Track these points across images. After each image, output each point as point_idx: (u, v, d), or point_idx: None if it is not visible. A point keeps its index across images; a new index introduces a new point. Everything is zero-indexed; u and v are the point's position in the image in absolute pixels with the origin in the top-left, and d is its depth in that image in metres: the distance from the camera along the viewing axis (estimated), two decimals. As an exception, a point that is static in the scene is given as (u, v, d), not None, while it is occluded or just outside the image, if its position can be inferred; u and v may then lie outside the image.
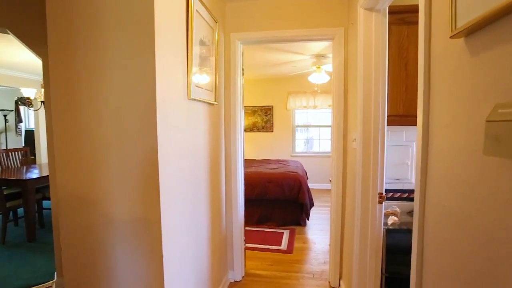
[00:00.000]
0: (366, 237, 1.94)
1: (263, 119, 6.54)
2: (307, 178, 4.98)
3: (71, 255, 1.35)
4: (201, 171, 1.92)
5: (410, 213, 2.31)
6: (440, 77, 0.90)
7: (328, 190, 6.20)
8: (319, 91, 5.38)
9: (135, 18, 1.23)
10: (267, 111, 6.52)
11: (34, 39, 2.09)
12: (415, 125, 2.25)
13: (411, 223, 2.32)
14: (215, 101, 2.15)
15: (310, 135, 6.67)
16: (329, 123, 6.53)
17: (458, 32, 0.73)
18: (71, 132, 1.29)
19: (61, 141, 1.31)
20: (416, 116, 2.21)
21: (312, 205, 4.10)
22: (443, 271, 0.86)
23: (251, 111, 6.58)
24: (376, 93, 1.82)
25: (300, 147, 6.69)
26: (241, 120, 2.61)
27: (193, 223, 1.75)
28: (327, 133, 6.53)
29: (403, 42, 2.07)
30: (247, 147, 6.63)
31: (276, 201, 4.04)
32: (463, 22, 0.71)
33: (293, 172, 4.29)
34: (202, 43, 1.84)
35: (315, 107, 6.29)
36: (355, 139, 2.03)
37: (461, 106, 0.78)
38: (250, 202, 4.05)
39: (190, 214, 1.69)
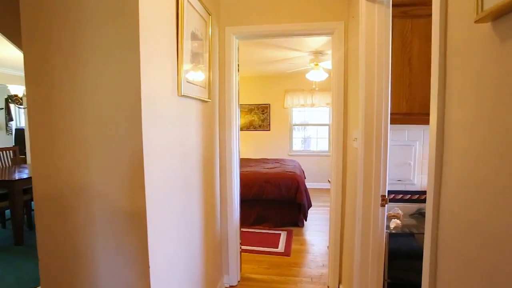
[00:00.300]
0: (367, 241, 1.84)
1: (259, 117, 6.44)
2: (305, 178, 4.88)
3: (47, 261, 1.24)
4: (193, 171, 1.81)
5: (413, 215, 2.22)
6: (459, 70, 0.80)
7: (326, 190, 6.10)
8: (317, 88, 5.29)
9: (118, 8, 1.11)
10: (264, 109, 6.41)
11: (15, 30, 1.96)
12: (420, 123, 2.16)
13: (414, 226, 2.24)
14: (208, 99, 2.04)
15: (307, 134, 6.57)
16: (327, 122, 6.47)
17: (485, 16, 0.63)
18: (48, 131, 1.18)
19: (37, 141, 1.19)
20: (420, 114, 2.11)
21: (310, 205, 4.01)
22: (462, 283, 0.76)
23: (248, 109, 6.46)
24: (379, 90, 1.72)
25: (297, 146, 6.60)
26: (236, 119, 2.50)
27: (184, 226, 1.64)
28: (324, 131, 6.45)
29: (406, 36, 1.97)
30: (244, 146, 6.52)
31: (273, 201, 3.94)
32: (491, 3, 0.61)
33: (290, 172, 4.19)
34: (194, 36, 1.72)
35: (312, 105, 6.19)
36: (356, 138, 1.93)
37: (486, 102, 0.68)
38: (246, 202, 3.95)
39: (181, 217, 1.58)
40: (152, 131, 1.23)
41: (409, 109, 1.99)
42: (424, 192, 2.22)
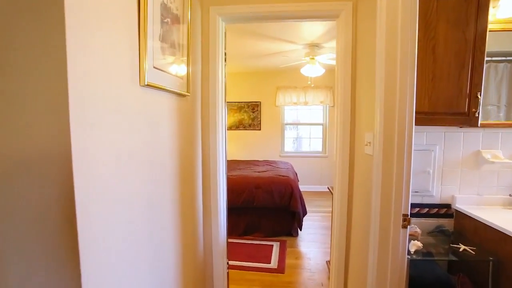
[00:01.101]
0: (385, 269, 1.48)
1: (249, 116, 6.05)
2: (298, 181, 4.53)
3: None
4: (165, 182, 1.40)
5: (432, 233, 1.88)
6: None
7: (320, 193, 5.76)
8: (312, 85, 4.93)
9: None
10: (254, 107, 6.02)
11: None
12: (442, 124, 1.82)
13: (435, 246, 1.91)
14: (187, 92, 1.63)
15: (299, 134, 6.23)
16: (321, 121, 6.15)
17: None
18: None
19: None
20: (445, 114, 1.77)
21: (305, 213, 3.65)
22: None
23: (237, 107, 6.06)
24: (402, 83, 1.35)
25: (290, 146, 6.24)
26: (223, 117, 2.10)
27: (152, 259, 1.24)
28: (318, 131, 6.11)
29: (431, 19, 1.62)
30: (232, 146, 6.12)
31: (265, 209, 3.56)
32: None
33: (283, 176, 3.83)
34: (166, 8, 1.32)
35: (306, 103, 5.84)
36: (369, 142, 1.57)
37: None
38: (235, 210, 3.57)
39: (145, 250, 1.18)
40: (91, 132, 0.82)
41: (432, 107, 1.65)
42: (444, 206, 1.89)
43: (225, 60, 2.13)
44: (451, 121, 1.65)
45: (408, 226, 1.44)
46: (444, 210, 1.88)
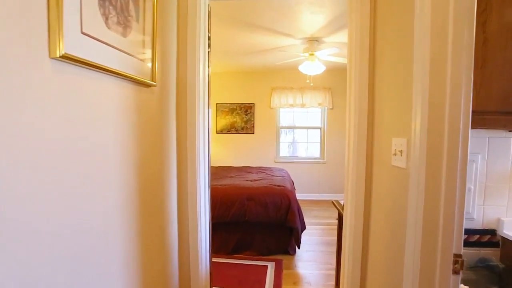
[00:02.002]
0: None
1: (242, 118, 5.61)
2: (294, 189, 4.10)
3: None
4: (104, 212, 0.96)
5: (474, 268, 1.46)
6: None
7: (318, 202, 5.33)
8: (311, 84, 4.53)
9: None
10: (248, 109, 5.60)
11: None
12: (493, 127, 1.36)
13: (482, 284, 1.46)
14: (152, 81, 1.20)
15: (296, 138, 5.81)
16: (319, 125, 5.75)
17: None
18: None
19: None
20: (497, 113, 1.32)
21: (303, 228, 3.22)
22: None
23: (229, 109, 5.63)
24: (455, 69, 0.94)
25: (285, 151, 5.82)
26: (205, 117, 1.67)
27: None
28: (316, 136, 5.71)
29: (480, -15, 1.21)
30: (223, 152, 5.67)
31: (258, 224, 3.12)
32: None
33: (279, 185, 3.39)
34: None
35: (303, 105, 5.44)
36: (400, 151, 1.15)
37: None
38: (224, 225, 3.12)
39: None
40: None
41: (480, 104, 1.24)
42: (488, 232, 1.48)
43: (209, 46, 1.70)
44: (506, 122, 1.24)
45: (461, 271, 1.02)
46: (487, 237, 1.47)
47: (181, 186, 1.60)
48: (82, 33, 0.75)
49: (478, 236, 1.48)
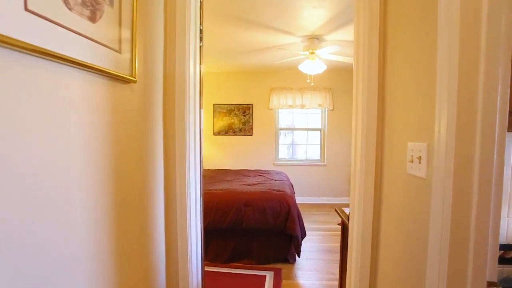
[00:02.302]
0: None
1: (240, 120, 5.45)
2: (294, 193, 3.94)
3: None
4: (69, 238, 0.80)
5: (498, 289, 1.30)
6: None
7: (319, 206, 5.16)
8: (312, 83, 4.38)
9: None
10: (246, 110, 5.44)
11: None
12: None
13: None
14: (131, 76, 1.04)
15: (295, 140, 5.65)
16: (319, 126, 5.60)
17: None
18: None
19: None
20: None
21: (304, 235, 3.06)
22: None
23: (226, 110, 5.47)
24: (490, 63, 0.78)
25: (284, 153, 5.66)
26: (196, 117, 1.50)
27: None
28: (316, 138, 5.55)
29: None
30: (220, 154, 5.51)
31: (256, 231, 2.96)
32: None
33: (278, 190, 3.23)
34: None
35: (302, 106, 5.29)
36: (418, 157, 0.99)
37: None
38: (220, 233, 2.95)
39: None
40: None
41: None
42: (512, 247, 1.31)
43: (200, 40, 1.54)
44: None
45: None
46: None
47: (168, 194, 1.44)
48: (27, 10, 0.59)
49: (502, 252, 1.32)
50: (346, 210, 2.04)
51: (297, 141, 5.65)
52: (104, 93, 0.91)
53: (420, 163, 0.98)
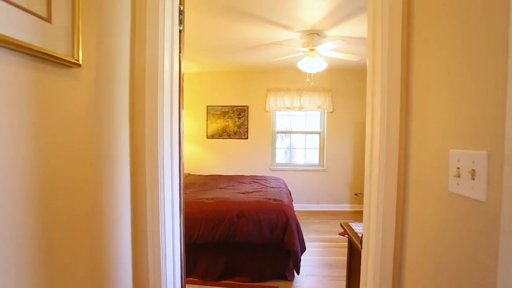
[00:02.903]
0: None
1: (235, 122, 5.17)
2: (292, 201, 3.65)
3: None
4: None
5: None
6: None
7: (317, 213, 4.88)
8: (312, 83, 4.11)
9: None
10: (241, 112, 5.16)
11: None
12: None
13: None
14: (73, 58, 0.75)
15: (293, 144, 5.38)
16: (318, 129, 5.33)
17: None
18: None
19: None
20: None
21: (303, 250, 2.77)
22: None
23: (220, 112, 5.18)
24: None
25: (281, 158, 5.39)
26: (174, 120, 1.22)
27: None
28: (314, 141, 5.28)
29: None
30: (214, 158, 5.22)
31: (251, 245, 2.66)
32: None
33: (275, 199, 2.94)
34: None
35: (301, 108, 5.02)
36: (471, 171, 0.71)
37: None
38: (211, 247, 2.66)
39: None
40: None
41: None
42: None
43: (180, 23, 1.26)
44: None
45: None
46: None
47: (137, 213, 1.14)
48: None
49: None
50: (355, 227, 1.75)
51: (295, 145, 5.38)
52: (22, 80, 0.63)
53: (473, 179, 0.70)
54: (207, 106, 5.19)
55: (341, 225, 1.89)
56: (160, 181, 1.13)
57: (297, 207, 4.57)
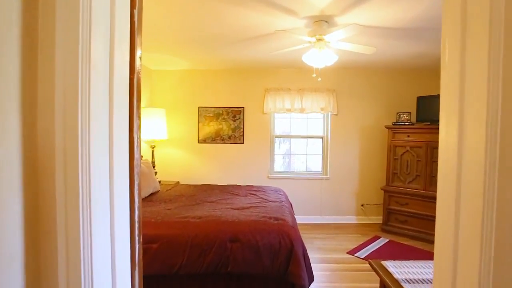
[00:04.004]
0: None
1: (229, 125, 4.68)
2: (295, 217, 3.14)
3: None
4: None
5: None
6: None
7: (321, 226, 4.37)
8: (319, 79, 3.63)
9: None
10: (236, 114, 4.67)
11: None
12: None
13: None
14: None
15: (293, 149, 4.90)
16: (321, 133, 4.86)
17: None
18: None
19: None
20: None
21: (311, 280, 2.26)
22: None
23: (214, 114, 4.69)
24: None
25: (280, 164, 4.90)
26: (117, 131, 0.72)
27: None
28: (317, 147, 4.81)
29: None
30: (206, 165, 4.71)
31: (247, 277, 2.16)
32: None
33: (277, 218, 2.44)
34: None
35: (302, 110, 4.55)
36: None
37: None
38: (197, 278, 2.15)
39: None
40: None
41: None
42: None
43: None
44: None
45: None
46: None
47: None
48: None
49: None
50: (392, 268, 1.26)
51: (296, 151, 4.90)
52: None
53: None
54: (199, 107, 4.69)
55: (370, 264, 1.41)
56: (83, 220, 0.63)
57: (298, 219, 4.07)
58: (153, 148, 4.33)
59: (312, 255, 3.26)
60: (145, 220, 2.32)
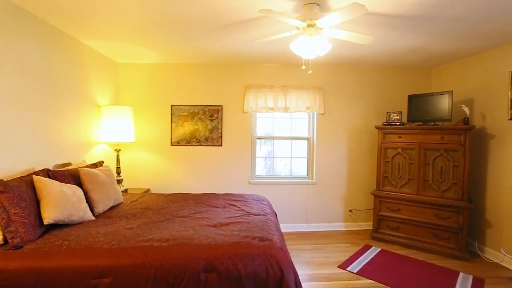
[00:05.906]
0: None
1: (206, 126, 4.22)
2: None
3: None
4: None
5: None
6: None
7: (307, 235, 3.92)
8: (310, 71, 3.24)
9: None
10: (213, 114, 4.22)
11: None
12: None
13: None
14: None
15: (276, 151, 4.52)
16: (306, 135, 4.50)
17: None
18: None
19: None
20: None
21: (304, 314, 1.86)
22: None
23: (188, 113, 4.21)
24: None
25: (261, 168, 4.50)
26: None
27: None
28: (302, 149, 4.45)
29: None
30: (180, 171, 4.22)
31: (225, 315, 1.72)
32: None
33: (262, 238, 2.01)
34: None
35: (286, 109, 4.17)
36: None
37: None
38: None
39: None
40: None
41: None
42: None
43: None
44: None
45: None
46: None
47: None
48: None
49: None
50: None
51: (279, 153, 4.52)
52: None
53: None
54: (172, 105, 4.19)
55: None
56: None
57: (282, 228, 3.69)
58: (118, 152, 3.78)
59: (301, 271, 2.87)
60: (96, 246, 1.83)
